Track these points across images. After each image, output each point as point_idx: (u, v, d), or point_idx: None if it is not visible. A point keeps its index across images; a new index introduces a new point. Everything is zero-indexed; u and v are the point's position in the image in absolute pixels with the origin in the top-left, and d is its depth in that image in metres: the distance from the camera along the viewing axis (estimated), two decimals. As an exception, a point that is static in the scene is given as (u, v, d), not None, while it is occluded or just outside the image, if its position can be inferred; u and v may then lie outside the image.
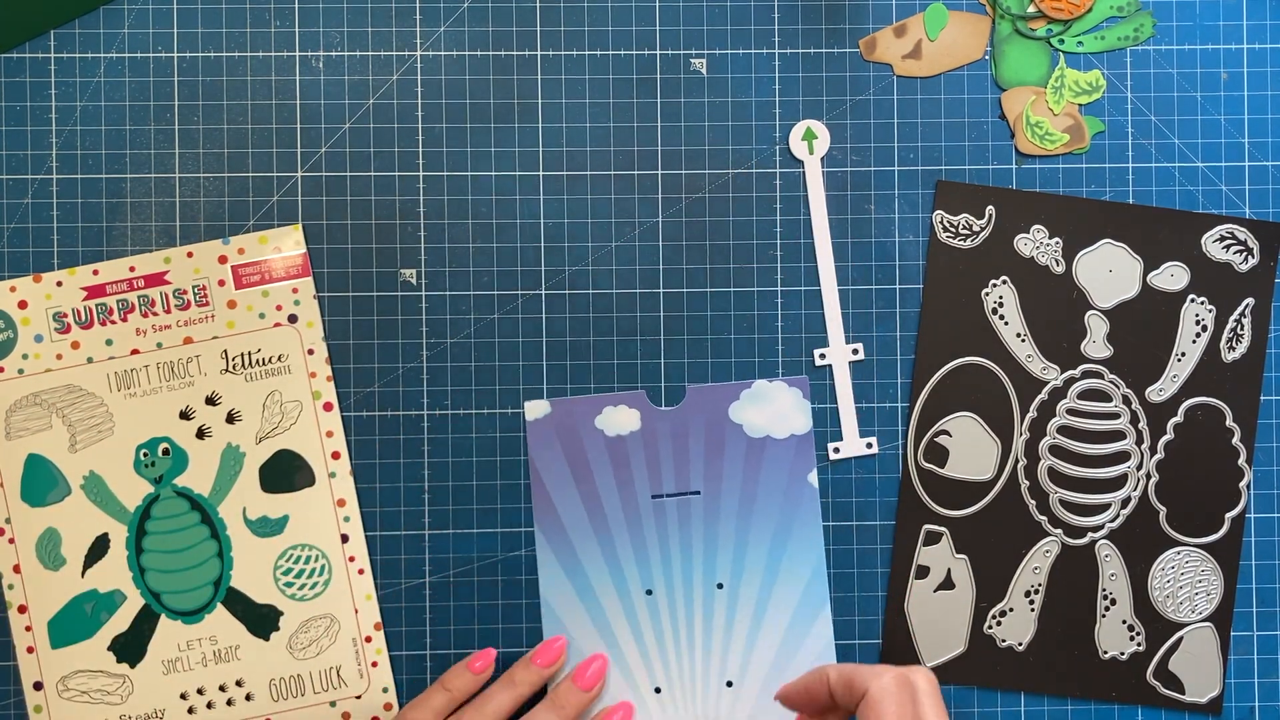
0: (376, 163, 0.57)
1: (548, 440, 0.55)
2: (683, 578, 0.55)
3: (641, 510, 0.55)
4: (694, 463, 0.55)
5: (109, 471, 0.56)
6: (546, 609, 0.55)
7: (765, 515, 0.55)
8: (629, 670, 0.55)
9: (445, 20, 0.58)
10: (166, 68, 0.57)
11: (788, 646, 0.55)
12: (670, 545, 0.55)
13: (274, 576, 0.57)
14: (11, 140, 0.57)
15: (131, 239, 0.57)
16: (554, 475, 0.55)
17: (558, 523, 0.55)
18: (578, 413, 0.55)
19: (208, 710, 0.56)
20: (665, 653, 0.55)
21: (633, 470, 0.55)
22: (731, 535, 0.55)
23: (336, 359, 0.57)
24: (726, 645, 0.55)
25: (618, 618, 0.55)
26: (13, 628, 0.56)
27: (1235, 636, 0.58)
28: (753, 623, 0.55)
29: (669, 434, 0.55)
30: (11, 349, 0.56)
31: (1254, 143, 0.58)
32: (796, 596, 0.55)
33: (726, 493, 0.55)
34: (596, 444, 0.55)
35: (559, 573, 0.55)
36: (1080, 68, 0.58)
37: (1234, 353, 0.58)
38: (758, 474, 0.55)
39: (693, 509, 0.55)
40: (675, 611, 0.55)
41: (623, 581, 0.55)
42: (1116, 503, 0.58)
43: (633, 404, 0.55)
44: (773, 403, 0.55)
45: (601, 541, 0.55)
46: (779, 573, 0.55)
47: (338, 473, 0.57)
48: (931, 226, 0.58)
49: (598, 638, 0.55)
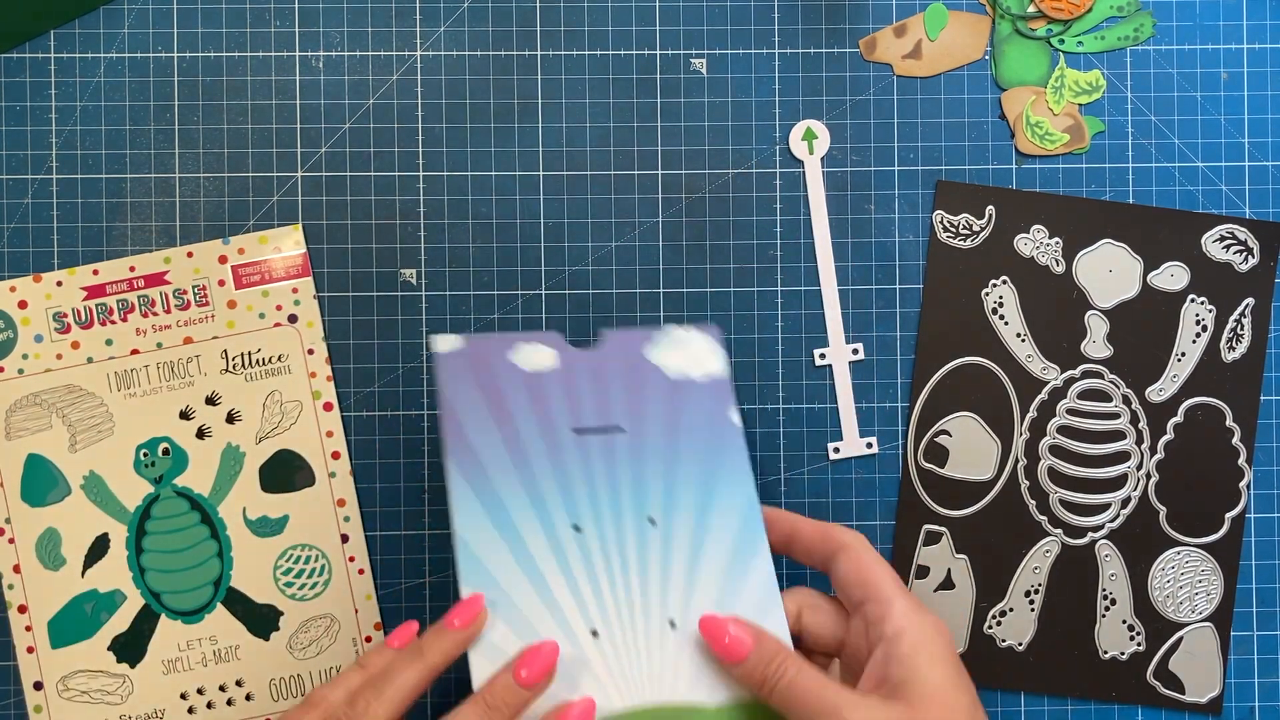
0: (376, 163, 0.57)
1: (460, 372, 0.51)
2: (612, 513, 0.51)
3: (564, 444, 0.51)
4: (615, 399, 0.52)
5: (109, 471, 0.56)
6: (463, 549, 0.49)
7: (692, 452, 0.52)
8: (561, 612, 0.49)
9: (445, 20, 0.58)
10: (166, 68, 0.57)
11: (729, 587, 0.50)
12: (596, 479, 0.51)
13: (274, 576, 0.57)
14: (11, 140, 0.57)
15: (131, 239, 0.57)
16: (467, 407, 0.51)
17: (473, 457, 0.50)
18: (492, 348, 0.52)
19: (208, 710, 0.56)
20: (600, 592, 0.49)
21: (551, 404, 0.51)
22: (660, 471, 0.51)
23: (336, 359, 0.57)
24: (665, 584, 0.50)
25: (544, 555, 0.50)
26: (13, 628, 0.56)
27: (1235, 636, 0.58)
28: (690, 561, 0.50)
29: (588, 372, 0.52)
30: (11, 349, 0.56)
31: (1254, 143, 0.58)
32: (731, 536, 0.51)
33: (651, 430, 0.52)
34: (513, 378, 0.52)
35: (477, 509, 0.50)
36: (1080, 68, 0.58)
37: (1234, 353, 0.58)
38: (680, 413, 0.52)
39: (617, 445, 0.51)
40: (607, 548, 0.50)
41: (547, 516, 0.50)
42: (1116, 503, 0.58)
43: (548, 343, 0.52)
44: (687, 346, 0.54)
45: (522, 475, 0.50)
46: (711, 511, 0.51)
47: (338, 473, 0.57)
48: (931, 226, 0.58)
49: (523, 577, 0.49)
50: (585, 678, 0.48)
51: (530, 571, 0.49)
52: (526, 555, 0.49)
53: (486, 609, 0.47)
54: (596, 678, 0.48)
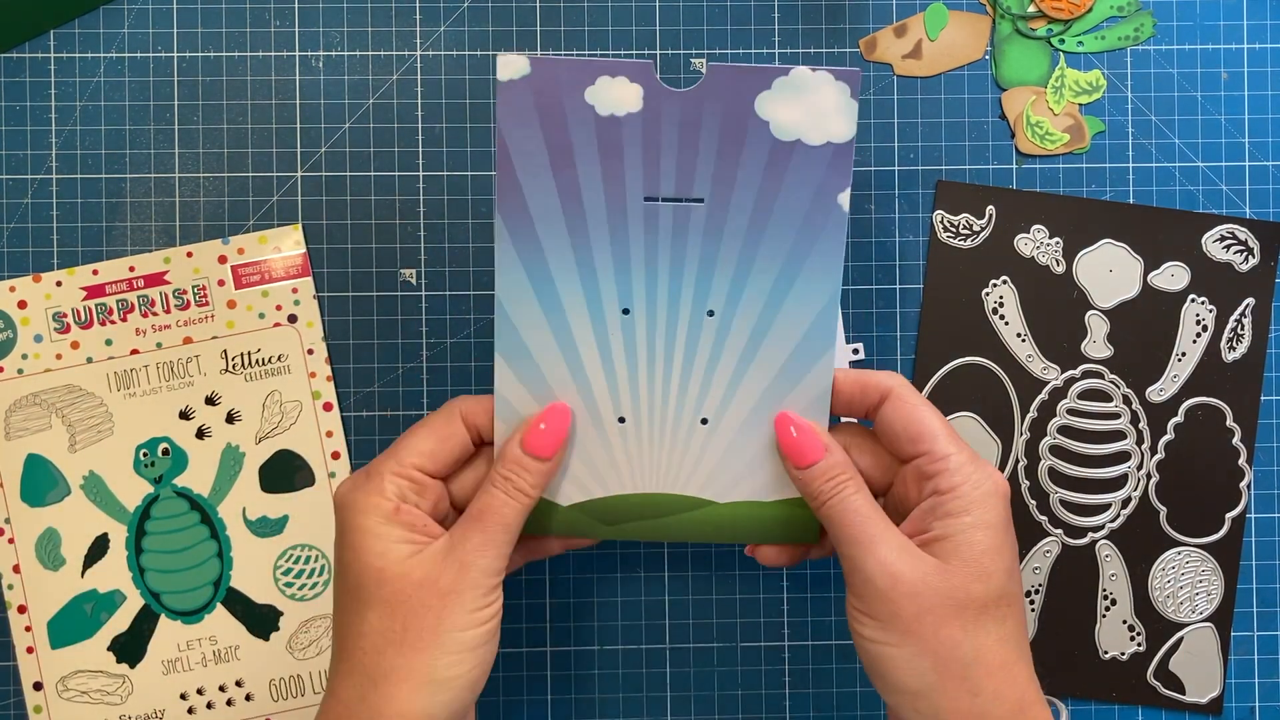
0: (376, 163, 0.57)
1: (522, 110, 0.43)
2: (668, 298, 0.45)
3: (629, 212, 0.44)
4: (702, 162, 0.44)
5: (109, 471, 0.56)
6: (500, 313, 0.45)
7: (779, 237, 0.45)
8: (591, 395, 0.46)
9: (445, 20, 0.58)
10: (166, 68, 0.57)
11: (775, 390, 0.46)
12: (659, 259, 0.45)
13: (274, 577, 0.56)
14: (11, 140, 0.57)
15: (131, 239, 0.57)
16: (526, 155, 0.44)
17: (524, 214, 0.44)
18: (564, 79, 0.43)
19: (208, 710, 0.56)
20: (636, 381, 0.46)
21: (625, 162, 0.44)
22: (734, 256, 0.45)
23: (336, 359, 0.57)
24: (708, 380, 0.46)
25: (584, 334, 0.46)
26: (12, 628, 0.56)
27: (1235, 636, 0.58)
28: (742, 358, 0.46)
29: (676, 121, 0.43)
30: (11, 349, 0.56)
31: (1254, 142, 0.58)
32: (799, 335, 0.46)
33: (736, 204, 0.44)
34: (584, 123, 0.43)
35: (520, 273, 0.45)
36: (1080, 68, 0.58)
37: (1234, 353, 0.58)
38: (779, 185, 0.44)
39: (691, 219, 0.45)
40: (654, 336, 0.46)
41: (595, 293, 0.45)
42: (1117, 503, 0.58)
43: (636, 77, 0.43)
44: (812, 97, 0.44)
45: (576, 243, 0.45)
46: (782, 306, 0.46)
47: (338, 473, 0.57)
48: (931, 226, 0.58)
49: (558, 353, 0.46)
50: (604, 461, 0.47)
51: (567, 349, 0.46)
52: (566, 331, 0.46)
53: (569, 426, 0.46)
54: (614, 463, 0.47)
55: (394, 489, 0.45)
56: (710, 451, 0.47)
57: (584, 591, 0.58)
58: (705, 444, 0.47)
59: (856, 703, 0.58)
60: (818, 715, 0.58)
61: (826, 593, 0.58)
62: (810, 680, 0.58)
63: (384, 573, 0.43)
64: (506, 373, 0.46)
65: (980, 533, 0.43)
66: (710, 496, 0.48)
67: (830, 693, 0.58)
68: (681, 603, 0.58)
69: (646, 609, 0.58)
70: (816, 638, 0.58)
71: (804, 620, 0.58)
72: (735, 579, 0.58)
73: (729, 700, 0.58)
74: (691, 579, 0.58)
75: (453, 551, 0.44)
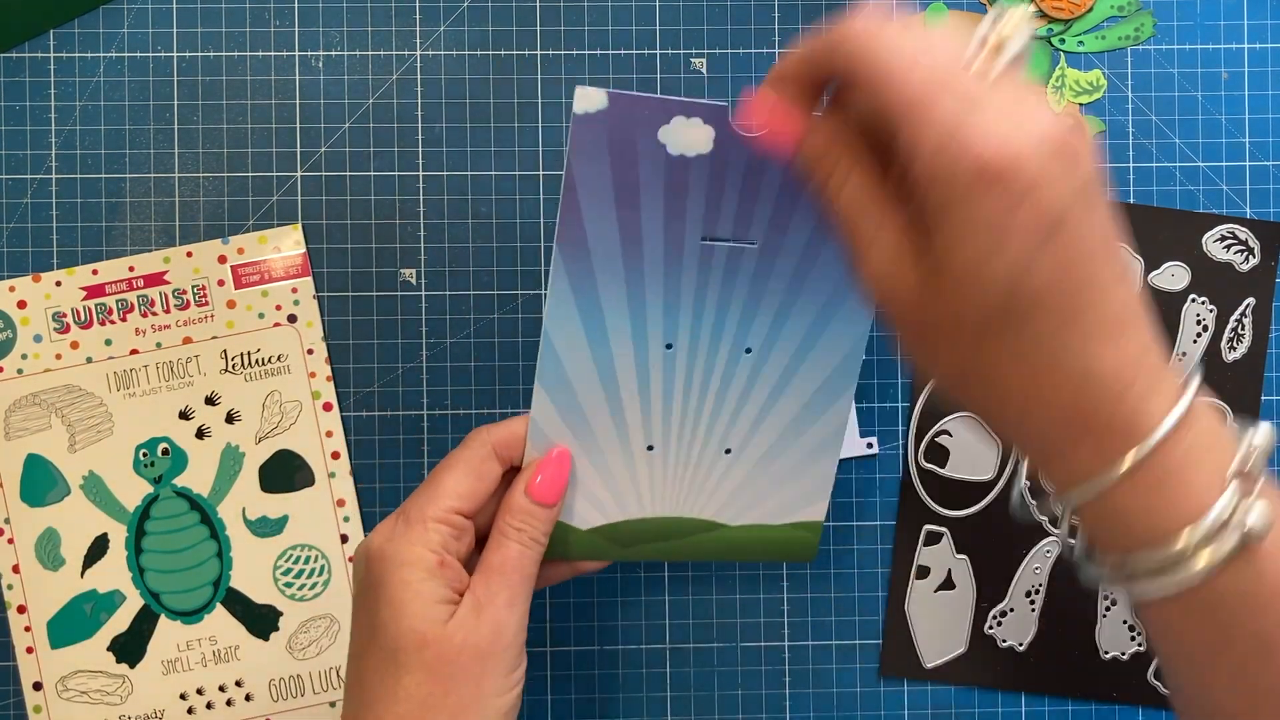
0: (376, 163, 0.57)
1: (595, 146, 0.42)
2: (711, 336, 0.46)
3: (686, 252, 0.44)
4: (760, 207, 0.44)
5: (108, 471, 0.56)
6: (547, 348, 0.45)
7: (821, 282, 0.45)
8: (624, 424, 0.47)
9: (445, 20, 0.58)
10: (166, 68, 0.57)
11: (799, 423, 0.48)
12: (707, 298, 0.45)
13: (273, 577, 0.56)
14: (11, 140, 0.57)
15: (131, 239, 0.57)
16: (593, 191, 0.43)
17: (583, 249, 0.44)
18: (639, 117, 0.42)
19: (207, 710, 0.56)
20: (670, 412, 0.47)
21: (688, 202, 0.44)
22: (778, 298, 0.46)
23: (336, 359, 0.57)
24: (738, 413, 0.47)
25: (626, 368, 0.46)
26: (12, 628, 0.56)
27: (1236, 637, 0.58)
28: (772, 394, 0.47)
29: (742, 166, 0.43)
30: (11, 349, 0.56)
31: (1255, 142, 0.58)
32: (827, 373, 0.47)
33: (787, 250, 0.45)
34: (655, 162, 0.43)
35: (570, 306, 0.45)
36: (1081, 67, 0.58)
37: (1235, 353, 0.58)
38: (827, 234, 0.44)
39: (743, 261, 0.45)
40: (692, 370, 0.47)
41: (642, 329, 0.46)
42: (1117, 503, 0.58)
43: (710, 119, 0.42)
44: None
45: (630, 279, 0.45)
46: (816, 345, 0.47)
47: (337, 473, 0.57)
48: (932, 226, 0.58)
49: (599, 386, 0.46)
50: (627, 487, 0.48)
51: (608, 381, 0.46)
52: (609, 364, 0.46)
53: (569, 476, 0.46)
54: (637, 488, 0.48)
55: (438, 538, 0.43)
56: (730, 479, 0.49)
57: (584, 591, 0.58)
58: (727, 472, 0.48)
59: (856, 703, 0.58)
60: (818, 715, 0.58)
61: (826, 593, 0.58)
62: (810, 680, 0.58)
63: (427, 636, 0.41)
64: (545, 401, 0.46)
65: (963, 246, 0.33)
66: (724, 520, 0.49)
67: (830, 693, 0.58)
68: (681, 603, 0.58)
69: (646, 609, 0.58)
70: (816, 638, 0.58)
71: (804, 620, 0.58)
72: (735, 579, 0.58)
73: (729, 700, 0.58)
74: (691, 579, 0.58)
75: (483, 611, 0.42)
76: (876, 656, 0.58)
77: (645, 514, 0.49)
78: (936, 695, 0.58)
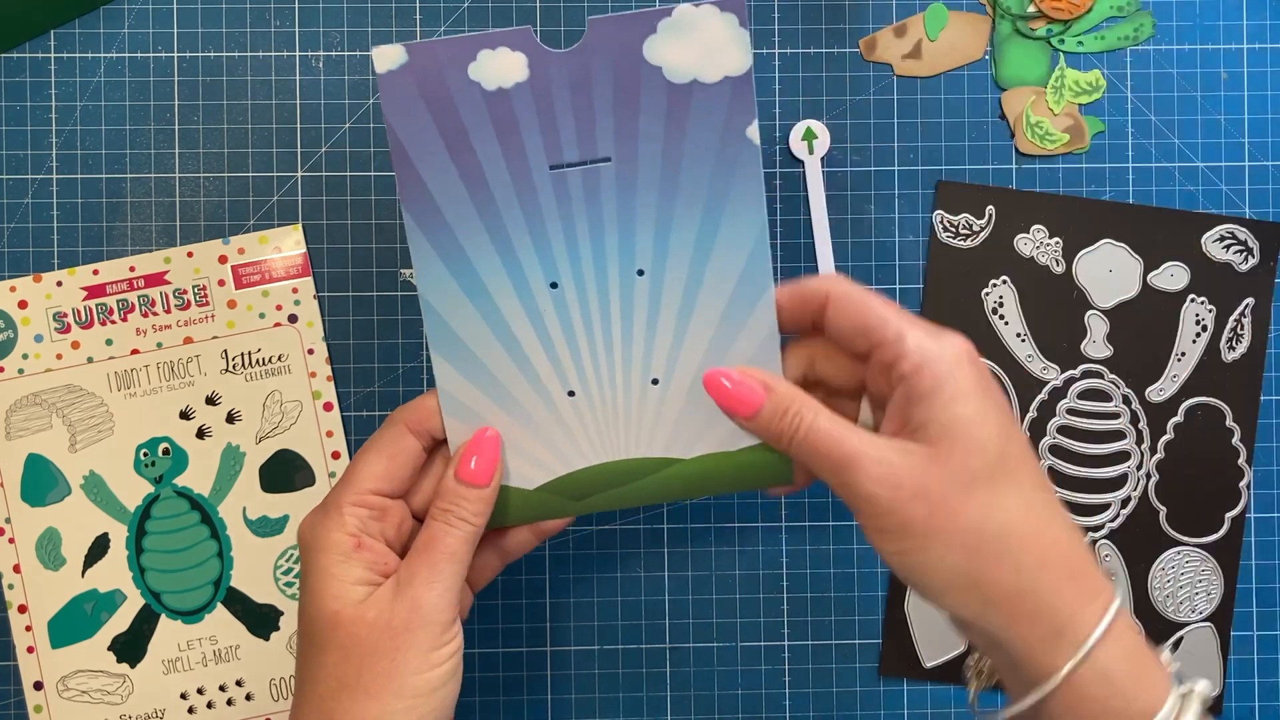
0: (376, 163, 0.57)
1: (408, 100, 0.42)
2: (594, 265, 0.44)
3: (537, 185, 0.43)
4: (601, 120, 0.43)
5: (109, 471, 0.56)
6: (429, 312, 0.44)
7: (694, 183, 0.44)
8: (535, 374, 0.45)
9: (445, 20, 0.58)
10: (166, 68, 0.57)
11: (722, 336, 0.45)
12: (577, 227, 0.44)
13: (274, 576, 0.57)
14: (11, 140, 0.57)
15: (131, 239, 0.57)
16: (419, 142, 0.42)
17: (431, 205, 0.43)
18: (444, 59, 0.41)
19: (208, 710, 0.56)
20: (578, 353, 0.45)
21: (523, 134, 0.42)
22: (653, 210, 0.44)
23: (336, 359, 0.57)
24: (650, 340, 0.45)
25: (517, 315, 0.45)
26: (13, 628, 0.56)
27: (1235, 636, 0.58)
28: (680, 312, 0.45)
29: (567, 84, 0.42)
30: (11, 349, 0.56)
31: (1254, 143, 0.58)
32: (734, 279, 0.45)
33: (645, 157, 0.43)
34: (473, 101, 0.42)
35: (437, 265, 0.44)
36: (1080, 68, 0.58)
37: (1234, 353, 0.58)
38: (683, 130, 0.43)
39: (602, 180, 0.43)
40: (587, 305, 0.45)
41: (519, 274, 0.44)
42: (1116, 502, 0.58)
43: (517, 45, 0.42)
44: (701, 34, 0.42)
45: (490, 226, 0.43)
46: (712, 253, 0.44)
47: (338, 473, 0.57)
48: (931, 226, 0.58)
49: (494, 340, 0.45)
50: (560, 437, 0.46)
51: (502, 334, 0.45)
52: (497, 316, 0.45)
53: (501, 457, 0.45)
54: (572, 437, 0.46)
55: (354, 521, 0.43)
56: (667, 410, 0.46)
57: (584, 591, 0.58)
58: (660, 404, 0.46)
59: (856, 703, 0.58)
60: (818, 715, 0.58)
61: (827, 593, 0.58)
62: (810, 680, 0.58)
63: (339, 615, 0.42)
64: (446, 368, 0.45)
65: (959, 405, 0.40)
66: (675, 454, 0.47)
67: (830, 692, 0.58)
68: (681, 603, 0.58)
69: (646, 609, 0.58)
70: (816, 638, 0.58)
71: (804, 620, 0.58)
72: (735, 579, 0.58)
73: (729, 700, 0.58)
74: (691, 579, 0.58)
75: (402, 590, 0.43)
76: (876, 656, 0.58)
77: (590, 462, 0.47)
78: (936, 695, 0.58)
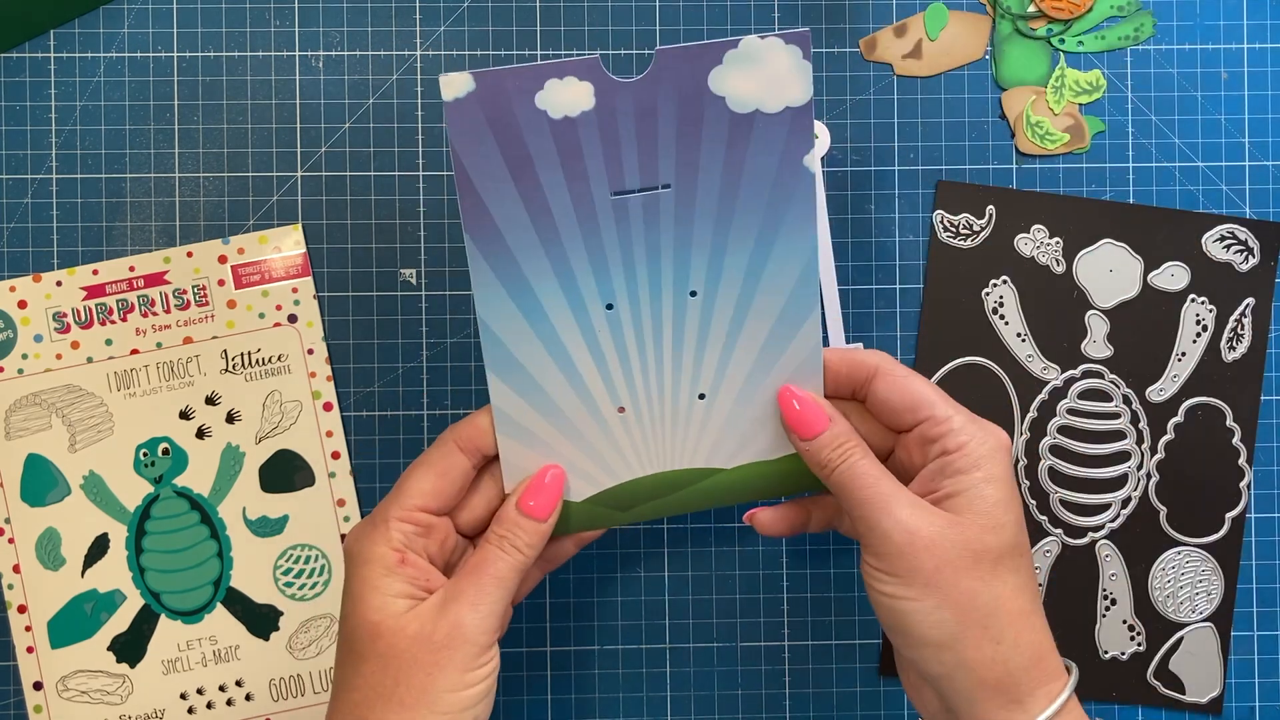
0: (376, 163, 0.57)
1: (474, 128, 0.42)
2: (649, 288, 0.46)
3: (599, 211, 0.44)
4: (663, 148, 0.44)
5: (109, 471, 0.56)
6: (487, 334, 0.45)
7: (750, 209, 0.45)
8: (587, 392, 0.47)
9: (445, 20, 0.58)
10: (166, 68, 0.57)
11: (769, 352, 0.47)
12: (634, 251, 0.45)
13: (274, 576, 0.57)
14: (11, 140, 0.57)
15: (131, 239, 0.57)
16: (484, 170, 0.43)
17: (493, 231, 0.44)
18: (512, 88, 0.42)
19: (208, 710, 0.56)
20: (630, 371, 0.47)
21: (586, 161, 0.43)
22: (709, 235, 0.45)
23: (336, 359, 0.57)
24: (699, 357, 0.47)
25: (572, 337, 0.46)
26: (12, 628, 0.56)
27: (1235, 636, 0.58)
28: (730, 330, 0.47)
29: (631, 113, 0.43)
30: (11, 349, 0.56)
31: (1254, 142, 0.58)
32: (783, 299, 0.46)
33: (704, 184, 0.44)
34: (539, 129, 0.43)
35: (499, 292, 0.45)
36: (1080, 67, 0.58)
37: (1234, 353, 0.58)
38: (743, 159, 0.44)
39: (661, 206, 0.45)
40: (641, 326, 0.46)
41: (577, 296, 0.45)
42: (1117, 502, 0.58)
43: (584, 74, 0.42)
44: (765, 66, 0.43)
45: (550, 252, 0.45)
46: (763, 275, 0.46)
47: (337, 473, 0.57)
48: (931, 226, 0.58)
49: (549, 360, 0.46)
50: (609, 451, 0.48)
51: (557, 354, 0.46)
52: (554, 337, 0.46)
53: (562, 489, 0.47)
54: (620, 451, 0.48)
55: (400, 536, 0.45)
56: (712, 423, 0.48)
57: (584, 591, 0.58)
58: (706, 417, 0.48)
59: (856, 703, 0.58)
60: (818, 715, 0.58)
61: (827, 593, 0.58)
62: (810, 680, 0.58)
63: (379, 626, 0.43)
64: (501, 387, 0.46)
65: (990, 487, 0.44)
66: (717, 464, 0.49)
67: (830, 692, 0.58)
68: (681, 603, 0.58)
69: (646, 609, 0.58)
70: (816, 638, 0.58)
71: (804, 620, 0.58)
72: (735, 579, 0.58)
73: (729, 700, 0.58)
74: (691, 579, 0.58)
75: (446, 607, 0.44)
76: (876, 656, 0.58)
77: (636, 475, 0.49)
78: (936, 695, 0.58)
